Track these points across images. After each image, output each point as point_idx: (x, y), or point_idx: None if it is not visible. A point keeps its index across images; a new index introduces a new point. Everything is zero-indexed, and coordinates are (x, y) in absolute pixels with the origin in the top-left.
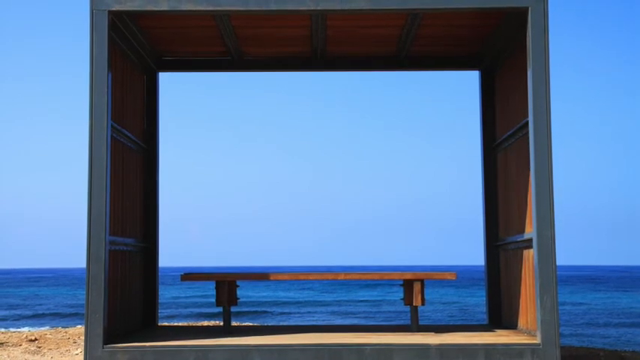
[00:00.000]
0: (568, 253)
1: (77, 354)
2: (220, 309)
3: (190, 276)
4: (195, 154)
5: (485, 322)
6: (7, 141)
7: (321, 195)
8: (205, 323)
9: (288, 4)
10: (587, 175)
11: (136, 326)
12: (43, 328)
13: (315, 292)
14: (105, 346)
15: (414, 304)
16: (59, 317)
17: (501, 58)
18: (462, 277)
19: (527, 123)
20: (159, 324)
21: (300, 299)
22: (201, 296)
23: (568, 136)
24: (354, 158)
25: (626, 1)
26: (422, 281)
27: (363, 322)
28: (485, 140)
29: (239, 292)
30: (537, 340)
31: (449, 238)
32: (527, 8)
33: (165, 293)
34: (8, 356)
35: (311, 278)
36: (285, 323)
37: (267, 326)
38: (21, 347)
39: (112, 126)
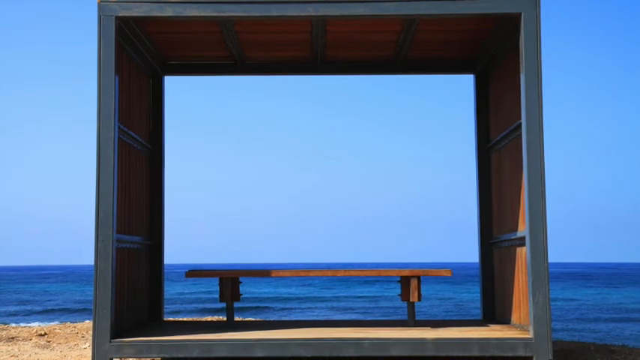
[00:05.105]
0: (559, 251)
1: (85, 348)
2: (224, 305)
3: (195, 273)
4: (199, 154)
5: (480, 317)
6: (17, 141)
7: (321, 195)
8: (209, 318)
9: (289, 10)
10: (578, 175)
11: (143, 321)
12: (52, 323)
13: (316, 288)
14: (112, 340)
15: (410, 300)
16: (68, 313)
17: (495, 61)
18: (457, 273)
19: (520, 125)
20: (164, 319)
21: (301, 295)
22: (205, 292)
23: (559, 137)
24: (352, 159)
25: (617, 6)
26: (418, 278)
27: (361, 317)
28: (480, 141)
29: (242, 289)
30: (530, 335)
31: (445, 236)
32: (519, 14)
33: (171, 289)
34: (19, 350)
35: (311, 275)
36: (286, 318)
37: (269, 321)
38: (31, 342)
39: (118, 128)
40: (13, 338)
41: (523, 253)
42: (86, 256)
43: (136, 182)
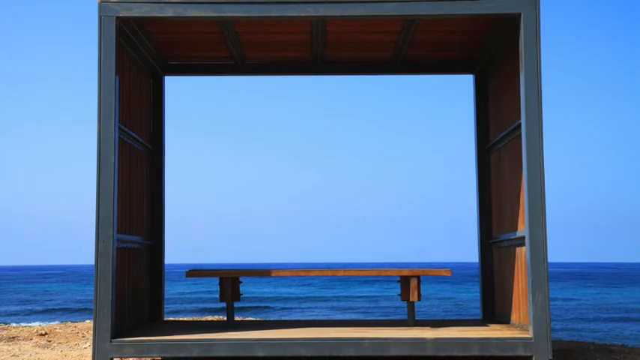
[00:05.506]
0: (559, 251)
1: (86, 347)
2: (224, 304)
3: (195, 272)
4: (200, 154)
5: (480, 317)
6: (18, 141)
7: (321, 195)
8: (209, 318)
9: (289, 11)
10: (578, 175)
11: (143, 321)
12: (53, 323)
13: (316, 288)
14: (112, 340)
15: (410, 300)
16: (68, 312)
17: (495, 62)
18: (456, 273)
19: (519, 125)
20: (165, 319)
21: (301, 295)
22: (206, 292)
23: (559, 137)
24: (352, 159)
25: (617, 7)
26: (418, 277)
27: (361, 317)
28: (480, 142)
29: (242, 288)
30: (529, 335)
31: (445, 236)
32: (519, 14)
33: (171, 289)
34: (19, 350)
35: (311, 275)
36: (286, 318)
37: (269, 321)
38: (32, 341)
39: (119, 128)
40: (13, 338)
41: (523, 253)
42: (86, 256)
43: (136, 182)
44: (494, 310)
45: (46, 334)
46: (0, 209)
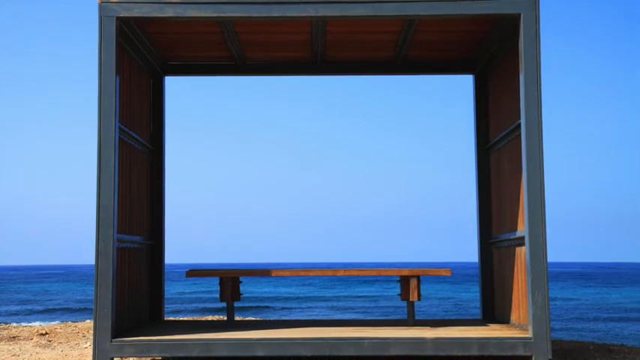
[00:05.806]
0: (559, 251)
1: (86, 347)
2: (224, 304)
3: (195, 272)
4: (200, 154)
5: (479, 316)
6: (18, 142)
7: (321, 195)
8: (210, 318)
9: (289, 11)
10: (578, 175)
11: (143, 321)
12: (53, 323)
13: (315, 287)
14: (113, 339)
15: (410, 300)
16: (69, 312)
17: (494, 62)
18: (456, 273)
19: (519, 125)
20: (165, 319)
21: (301, 295)
22: (206, 292)
23: (559, 138)
24: (352, 159)
25: (617, 7)
26: (418, 277)
27: (361, 316)
28: (479, 141)
29: (242, 288)
30: (529, 334)
31: (444, 236)
32: (519, 15)
33: (171, 289)
34: (20, 349)
35: (311, 274)
36: (286, 318)
37: (269, 321)
38: (32, 341)
39: (119, 128)
40: (14, 338)
41: (522, 253)
42: (87, 256)
43: (136, 182)
44: (494, 310)
45: (46, 333)
46: (0, 209)
